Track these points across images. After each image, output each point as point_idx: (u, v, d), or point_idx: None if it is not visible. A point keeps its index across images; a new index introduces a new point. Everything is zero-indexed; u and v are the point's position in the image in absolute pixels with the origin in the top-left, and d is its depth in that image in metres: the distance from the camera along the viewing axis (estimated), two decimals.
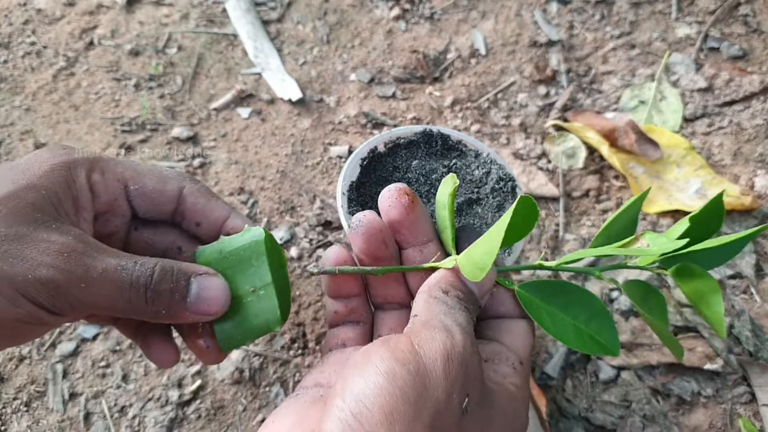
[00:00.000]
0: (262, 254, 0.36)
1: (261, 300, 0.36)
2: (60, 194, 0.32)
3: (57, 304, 0.30)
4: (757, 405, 0.60)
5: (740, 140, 0.79)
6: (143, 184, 0.36)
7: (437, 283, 0.34)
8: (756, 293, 0.68)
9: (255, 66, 0.85)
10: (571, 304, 0.38)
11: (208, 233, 0.38)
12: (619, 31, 0.91)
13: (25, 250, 0.29)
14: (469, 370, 0.29)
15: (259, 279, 0.36)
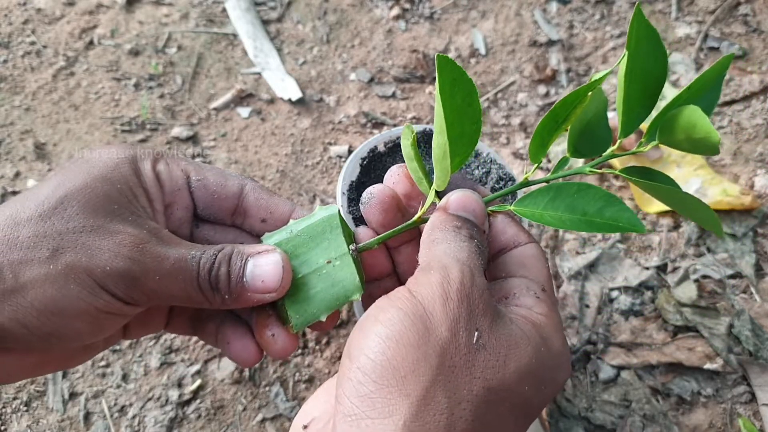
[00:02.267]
0: (336, 227, 0.35)
1: (337, 270, 0.35)
2: (133, 187, 0.33)
3: (134, 295, 0.30)
4: (756, 404, 0.60)
5: (740, 140, 0.79)
6: (205, 177, 0.37)
7: (430, 226, 0.34)
8: (756, 293, 0.68)
9: (255, 66, 0.85)
10: (576, 202, 0.36)
11: (273, 229, 0.38)
12: (619, 30, 0.91)
13: (103, 241, 0.30)
14: (472, 304, 0.28)
15: (334, 250, 0.35)
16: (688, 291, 0.66)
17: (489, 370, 0.27)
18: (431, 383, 0.26)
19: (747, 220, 0.72)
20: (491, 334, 0.28)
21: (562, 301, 0.67)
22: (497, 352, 0.28)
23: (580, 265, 0.69)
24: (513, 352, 0.28)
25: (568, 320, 0.65)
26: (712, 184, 0.74)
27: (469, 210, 0.34)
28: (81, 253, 0.29)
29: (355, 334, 0.29)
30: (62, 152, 0.75)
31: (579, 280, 0.68)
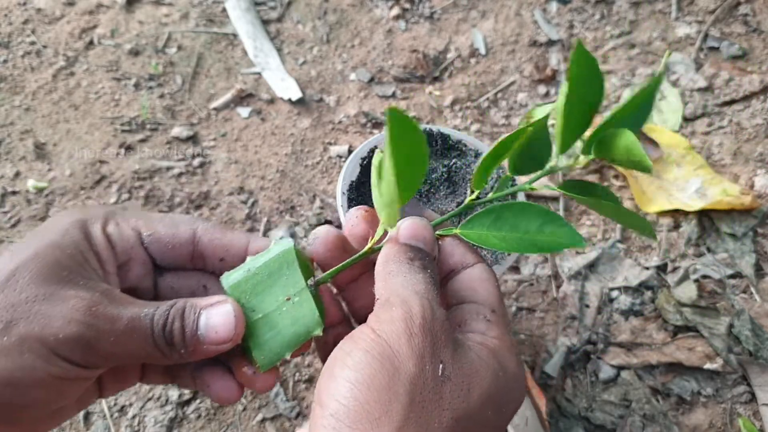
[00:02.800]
0: (293, 262, 0.36)
1: (297, 306, 0.35)
2: (83, 251, 0.33)
3: (90, 359, 0.30)
4: (756, 404, 0.60)
5: (740, 140, 0.79)
6: (156, 230, 0.37)
7: (384, 258, 0.34)
8: (756, 293, 0.68)
9: (255, 66, 0.85)
10: (519, 221, 0.37)
11: (233, 266, 0.38)
12: (618, 30, 0.91)
13: (55, 308, 0.30)
14: (435, 337, 0.29)
15: (292, 286, 0.35)
16: (688, 291, 0.66)
17: (456, 401, 0.28)
18: (404, 421, 0.27)
19: (747, 220, 0.72)
20: (454, 364, 0.29)
21: (562, 301, 0.67)
22: (461, 381, 0.29)
23: (580, 265, 0.69)
24: (475, 380, 0.29)
25: (568, 320, 0.66)
26: (712, 184, 0.74)
27: (419, 238, 0.35)
28: (34, 322, 0.29)
29: (324, 380, 0.29)
30: (62, 152, 0.75)
31: (579, 280, 0.68)
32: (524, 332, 0.65)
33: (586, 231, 0.72)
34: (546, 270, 0.69)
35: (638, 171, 0.34)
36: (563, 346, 0.63)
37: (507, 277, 0.68)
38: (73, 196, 0.72)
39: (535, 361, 0.63)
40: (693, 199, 0.72)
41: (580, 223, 0.73)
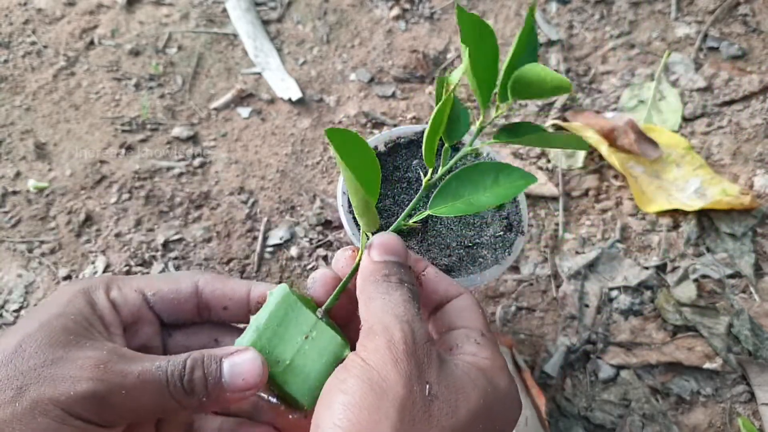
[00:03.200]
0: (295, 303, 0.36)
1: (317, 340, 0.36)
2: (88, 317, 0.34)
3: (104, 416, 0.31)
4: (756, 404, 0.61)
5: (739, 140, 0.80)
6: (159, 289, 0.38)
7: (361, 279, 0.35)
8: (755, 292, 0.68)
9: (255, 66, 0.85)
10: (475, 182, 0.39)
11: (237, 313, 0.39)
12: (618, 30, 0.91)
13: (64, 370, 0.30)
14: (419, 359, 0.30)
15: (305, 324, 0.36)
16: (687, 291, 0.67)
17: (444, 417, 0.29)
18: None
19: (746, 220, 0.72)
20: (440, 383, 0.30)
21: (562, 300, 0.67)
22: (448, 399, 0.30)
23: (579, 264, 0.69)
24: (462, 396, 0.31)
25: (567, 320, 0.66)
26: (711, 183, 0.74)
27: (392, 252, 0.36)
28: (44, 385, 0.30)
29: (320, 408, 0.31)
30: (62, 152, 0.75)
31: (579, 280, 0.68)
32: (524, 332, 0.65)
33: (585, 230, 0.72)
34: (546, 270, 0.69)
35: (559, 95, 0.35)
36: (563, 345, 0.64)
37: (507, 276, 0.68)
38: (73, 196, 0.72)
39: (534, 360, 0.63)
40: (692, 199, 0.72)
41: (580, 222, 0.73)
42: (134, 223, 0.70)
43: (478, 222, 0.46)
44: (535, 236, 0.71)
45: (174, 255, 0.68)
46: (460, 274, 0.43)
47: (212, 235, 0.70)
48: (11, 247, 0.68)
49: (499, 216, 0.46)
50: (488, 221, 0.46)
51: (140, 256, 0.68)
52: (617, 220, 0.73)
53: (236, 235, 0.70)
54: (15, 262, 0.67)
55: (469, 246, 0.45)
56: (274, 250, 0.69)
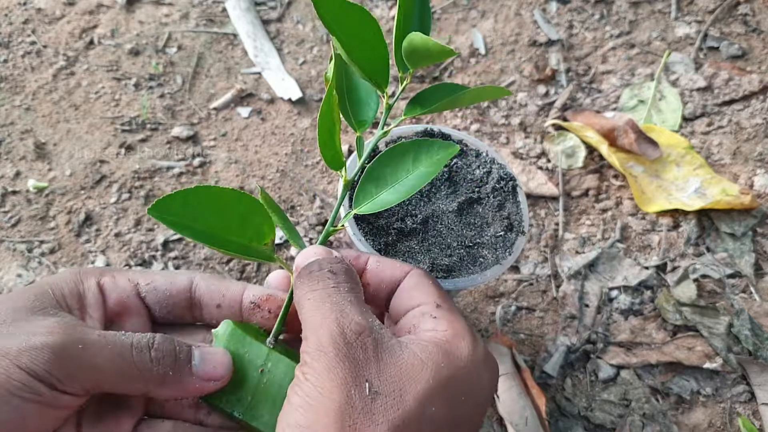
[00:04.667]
0: (243, 338, 0.35)
1: (273, 371, 0.35)
2: (65, 291, 0.33)
3: (53, 372, 0.29)
4: (756, 404, 0.61)
5: (739, 139, 0.80)
6: (154, 280, 0.37)
7: (295, 292, 0.34)
8: (755, 292, 0.68)
9: (255, 65, 0.85)
10: (395, 167, 0.39)
11: (229, 313, 0.38)
12: (618, 30, 0.91)
13: (21, 328, 0.29)
14: (353, 358, 0.29)
15: (258, 358, 0.35)
16: (687, 290, 0.67)
17: (389, 411, 0.28)
18: None
19: (746, 220, 0.72)
20: (380, 377, 0.29)
21: (562, 300, 0.67)
22: (391, 390, 0.29)
23: (579, 264, 0.69)
24: (406, 383, 0.29)
25: (567, 320, 0.66)
26: (711, 183, 0.74)
27: (314, 254, 0.35)
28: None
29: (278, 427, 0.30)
30: (62, 152, 0.75)
31: (579, 280, 0.68)
32: (524, 332, 0.65)
33: (585, 230, 0.72)
34: (546, 270, 0.69)
35: (444, 59, 0.35)
36: (563, 345, 0.64)
37: (507, 276, 0.68)
38: (73, 196, 0.72)
39: (534, 360, 0.63)
40: (692, 199, 0.72)
41: (580, 222, 0.73)
42: (134, 223, 0.70)
43: (479, 222, 0.46)
44: (535, 236, 0.71)
45: (174, 255, 0.68)
46: (461, 274, 0.43)
47: None
48: (11, 247, 0.68)
49: (499, 216, 0.46)
50: (489, 221, 0.46)
51: (140, 255, 0.68)
52: (617, 220, 0.73)
53: None
54: (15, 262, 0.67)
55: (470, 246, 0.45)
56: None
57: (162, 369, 0.32)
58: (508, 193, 0.47)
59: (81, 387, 0.30)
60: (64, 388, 0.29)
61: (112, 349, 0.30)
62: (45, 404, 0.29)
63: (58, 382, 0.29)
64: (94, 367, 0.30)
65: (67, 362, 0.29)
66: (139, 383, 0.31)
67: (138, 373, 0.31)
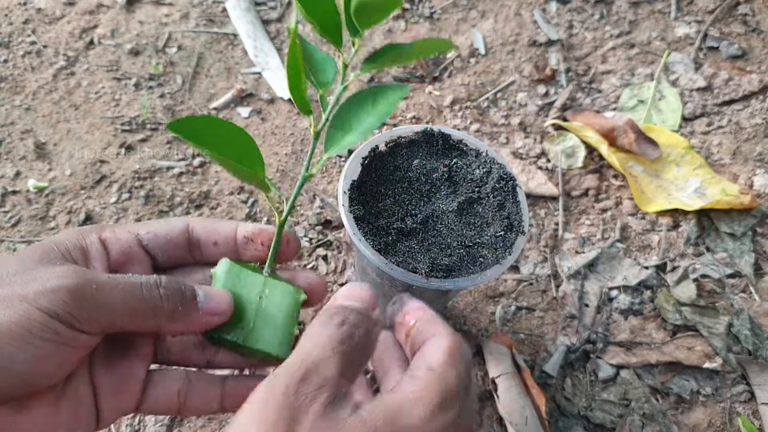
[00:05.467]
0: (240, 271, 0.38)
1: (271, 295, 0.37)
2: (69, 246, 0.34)
3: (72, 311, 0.30)
4: (756, 403, 0.61)
5: (739, 139, 0.80)
6: (153, 229, 0.38)
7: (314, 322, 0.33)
8: (755, 292, 0.68)
9: (255, 65, 0.85)
10: (357, 115, 0.43)
11: (226, 249, 0.39)
12: (618, 30, 0.91)
13: (34, 275, 0.30)
14: (294, 411, 0.27)
15: (254, 285, 0.37)
16: (687, 290, 0.67)
17: None
18: None
19: (746, 220, 0.72)
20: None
21: (562, 300, 0.67)
22: None
23: (579, 264, 0.69)
24: None
25: (567, 319, 0.66)
26: (711, 183, 0.74)
27: (353, 298, 0.34)
28: (11, 287, 0.30)
29: None
30: (62, 152, 0.75)
31: (578, 280, 0.68)
32: (524, 332, 0.65)
33: (585, 230, 0.72)
34: (545, 269, 0.69)
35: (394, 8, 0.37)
36: (563, 345, 0.64)
37: (506, 276, 0.68)
38: (73, 195, 0.72)
39: (534, 360, 0.63)
40: (692, 199, 0.72)
41: (580, 222, 0.73)
42: None
43: (479, 222, 0.46)
44: (535, 236, 0.71)
45: None
46: (461, 273, 0.43)
47: None
48: (11, 247, 0.68)
49: (499, 216, 0.46)
50: (489, 221, 0.46)
51: None
52: (617, 220, 0.73)
53: None
54: None
55: (470, 246, 0.45)
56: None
57: (171, 305, 0.33)
58: (508, 193, 0.47)
59: (98, 326, 0.31)
60: (81, 327, 0.30)
61: (124, 288, 0.32)
62: (63, 344, 0.30)
63: (76, 322, 0.30)
64: (108, 305, 0.31)
65: (84, 302, 0.30)
66: (150, 319, 0.33)
67: (149, 309, 0.32)
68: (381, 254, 0.42)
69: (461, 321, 0.65)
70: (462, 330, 0.65)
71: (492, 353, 0.62)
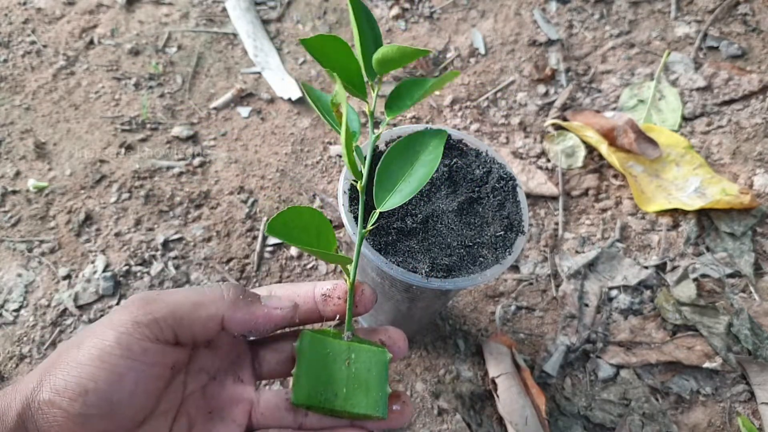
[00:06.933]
0: (322, 341, 0.38)
1: (358, 359, 0.38)
2: None
3: (137, 319, 0.32)
4: (756, 403, 0.61)
5: (739, 139, 0.80)
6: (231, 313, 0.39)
7: None
8: (755, 292, 0.68)
9: (255, 65, 0.85)
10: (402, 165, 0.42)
11: (306, 308, 0.39)
12: (618, 30, 0.91)
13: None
14: None
15: (341, 353, 0.38)
16: (687, 290, 0.67)
17: None
18: None
19: (746, 219, 0.72)
20: None
21: (562, 300, 0.67)
22: None
23: (579, 264, 0.69)
24: None
25: (567, 319, 0.66)
26: (711, 183, 0.74)
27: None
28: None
29: None
30: (62, 152, 0.75)
31: (578, 279, 0.68)
32: (524, 331, 0.65)
33: (585, 230, 0.72)
34: (545, 269, 0.69)
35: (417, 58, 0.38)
36: (562, 345, 0.64)
37: (506, 276, 0.68)
38: (73, 195, 0.72)
39: (534, 360, 0.63)
40: (692, 199, 0.72)
41: (580, 222, 0.73)
42: (134, 223, 0.70)
43: (479, 221, 0.46)
44: (535, 236, 0.71)
45: (174, 254, 0.68)
46: (461, 273, 0.43)
47: (212, 234, 0.70)
48: (11, 247, 0.68)
49: (499, 215, 0.46)
50: (489, 221, 0.46)
51: (140, 255, 0.68)
52: (617, 220, 0.73)
53: (236, 235, 0.70)
54: (15, 262, 0.67)
55: (470, 245, 0.45)
56: (273, 250, 0.69)
57: (233, 294, 0.35)
58: (507, 193, 0.47)
59: (165, 327, 0.33)
60: (148, 334, 0.32)
61: (186, 289, 0.35)
62: (136, 359, 0.32)
63: (144, 329, 0.32)
64: (170, 302, 0.33)
65: (148, 305, 0.33)
66: (211, 307, 0.34)
67: (210, 299, 0.34)
68: (381, 254, 0.42)
69: (461, 321, 0.65)
70: (462, 330, 0.65)
71: (492, 353, 0.62)
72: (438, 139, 0.43)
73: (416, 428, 0.58)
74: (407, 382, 0.61)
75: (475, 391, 0.61)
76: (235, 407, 0.37)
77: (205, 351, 0.37)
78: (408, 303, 0.50)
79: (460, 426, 0.58)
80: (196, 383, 0.37)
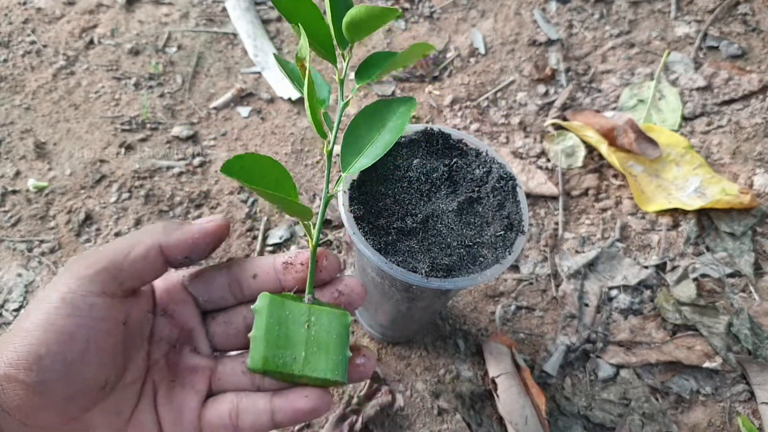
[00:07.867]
0: (282, 303, 0.37)
1: (318, 322, 0.37)
2: None
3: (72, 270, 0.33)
4: (756, 403, 0.61)
5: (739, 139, 0.80)
6: (193, 271, 0.40)
7: None
8: (755, 291, 0.68)
9: (255, 65, 0.85)
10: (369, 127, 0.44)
11: (267, 279, 0.40)
12: (618, 30, 0.91)
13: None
14: None
15: (300, 315, 0.37)
16: (687, 290, 0.67)
17: None
18: None
19: (746, 219, 0.72)
20: None
21: (562, 300, 0.67)
22: None
23: (579, 264, 0.69)
24: None
25: (567, 319, 0.66)
26: (711, 183, 0.74)
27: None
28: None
29: None
30: (62, 151, 0.75)
31: (578, 279, 0.68)
32: (524, 331, 0.65)
33: (585, 230, 0.72)
34: (545, 269, 0.69)
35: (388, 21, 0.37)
36: (562, 344, 0.64)
37: (506, 276, 0.68)
38: (73, 195, 0.72)
39: (534, 359, 0.63)
40: (692, 198, 0.72)
41: (580, 221, 0.73)
42: (134, 223, 0.70)
43: (479, 221, 0.46)
44: (535, 236, 0.71)
45: None
46: (461, 273, 0.43)
47: None
48: (11, 247, 0.68)
49: (499, 215, 0.46)
50: (489, 221, 0.46)
51: None
52: (617, 220, 0.73)
53: (236, 235, 0.70)
54: (15, 262, 0.67)
55: (470, 245, 0.45)
56: (274, 250, 0.69)
57: (165, 224, 0.36)
58: (507, 193, 0.47)
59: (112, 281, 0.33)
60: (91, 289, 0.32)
61: (120, 237, 0.35)
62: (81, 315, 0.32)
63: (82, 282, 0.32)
64: (107, 248, 0.34)
65: (81, 257, 0.33)
66: (147, 240, 0.35)
67: (144, 234, 0.35)
68: (381, 254, 0.42)
69: (461, 321, 0.65)
70: (462, 329, 0.65)
71: (492, 353, 0.62)
72: (406, 106, 0.43)
73: (416, 428, 0.58)
74: (407, 382, 0.61)
75: (475, 391, 0.61)
76: (195, 375, 0.38)
77: (162, 320, 0.38)
78: (408, 303, 0.50)
79: (460, 426, 0.58)
80: (159, 352, 0.37)
